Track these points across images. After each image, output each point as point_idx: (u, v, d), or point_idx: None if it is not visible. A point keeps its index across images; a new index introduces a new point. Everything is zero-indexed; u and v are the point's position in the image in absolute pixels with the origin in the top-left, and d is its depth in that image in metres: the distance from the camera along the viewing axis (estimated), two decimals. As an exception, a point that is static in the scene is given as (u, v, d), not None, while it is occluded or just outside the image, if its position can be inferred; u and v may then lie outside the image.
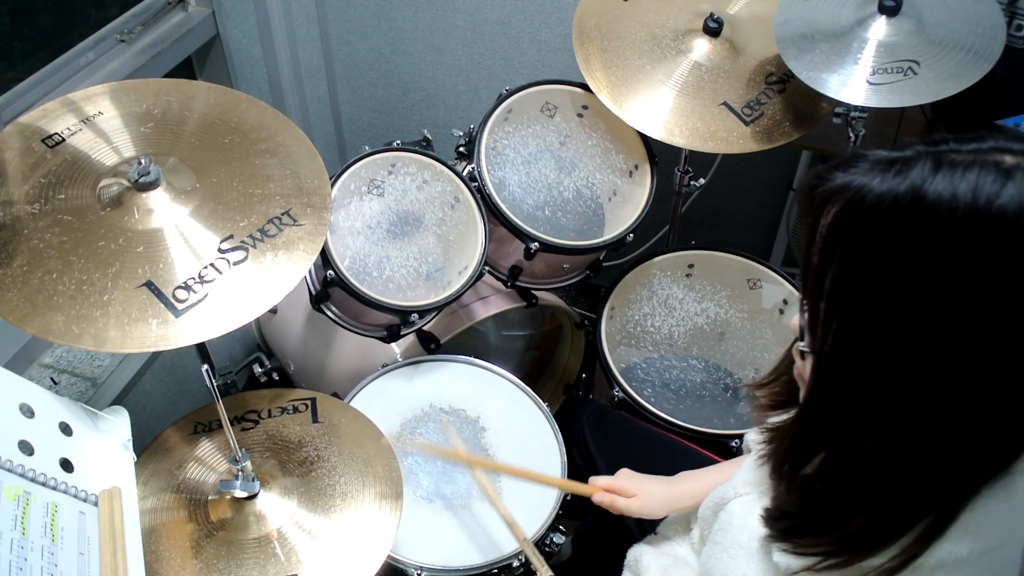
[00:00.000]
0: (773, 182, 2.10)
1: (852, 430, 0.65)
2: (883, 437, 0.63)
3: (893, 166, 0.60)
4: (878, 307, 0.60)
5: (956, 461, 0.61)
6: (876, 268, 0.60)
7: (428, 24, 2.05)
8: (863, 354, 0.62)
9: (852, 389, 0.64)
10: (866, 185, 0.60)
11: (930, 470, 0.62)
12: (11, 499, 0.77)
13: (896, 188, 0.59)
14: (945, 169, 0.58)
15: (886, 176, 0.60)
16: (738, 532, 0.83)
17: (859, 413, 0.64)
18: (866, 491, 0.65)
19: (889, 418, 0.62)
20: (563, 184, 1.52)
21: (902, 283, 0.59)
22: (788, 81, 1.43)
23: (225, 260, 0.89)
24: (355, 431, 1.17)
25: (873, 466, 0.64)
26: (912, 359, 0.59)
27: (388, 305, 1.29)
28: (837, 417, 0.66)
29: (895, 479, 0.63)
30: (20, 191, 0.89)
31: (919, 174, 0.58)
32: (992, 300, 0.56)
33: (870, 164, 0.62)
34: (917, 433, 0.61)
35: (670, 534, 1.11)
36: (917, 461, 0.62)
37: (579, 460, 1.38)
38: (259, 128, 1.01)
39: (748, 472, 0.88)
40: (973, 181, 0.56)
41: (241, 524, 1.05)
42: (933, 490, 0.62)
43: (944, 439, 0.60)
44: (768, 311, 1.63)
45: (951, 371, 0.58)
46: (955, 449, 0.61)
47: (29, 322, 0.81)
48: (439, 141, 1.71)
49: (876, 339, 0.61)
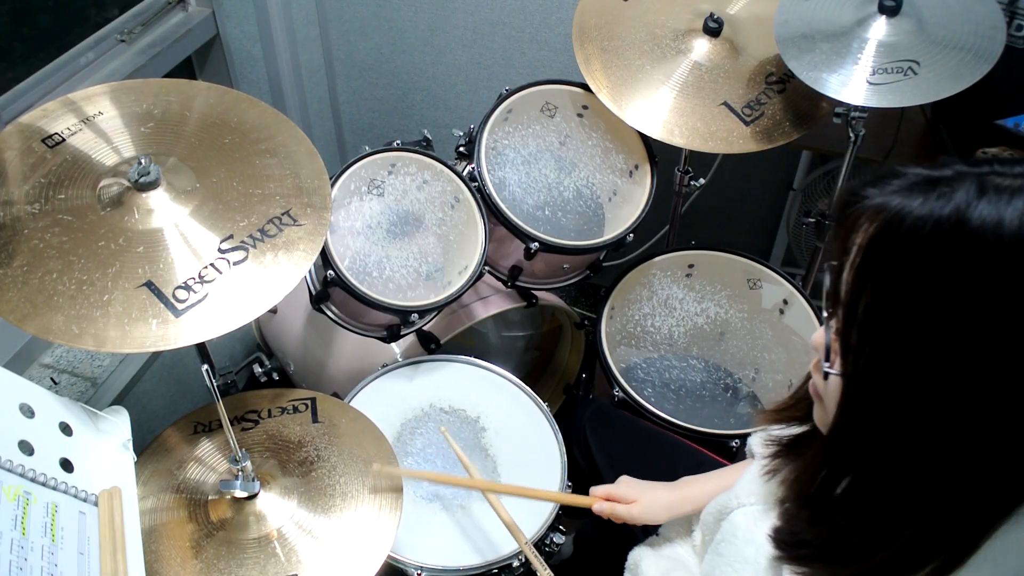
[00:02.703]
0: (773, 182, 2.10)
1: (882, 458, 0.62)
2: (914, 466, 0.60)
3: (935, 187, 0.58)
4: (915, 333, 0.58)
5: (987, 491, 0.59)
6: (914, 294, 0.58)
7: (428, 24, 2.05)
8: (897, 380, 0.60)
9: (884, 415, 0.61)
10: (905, 207, 0.58)
11: (959, 500, 0.59)
12: (11, 499, 0.77)
13: (939, 212, 0.56)
14: (991, 194, 0.55)
15: (927, 198, 0.57)
16: (743, 546, 0.82)
17: (890, 440, 0.61)
18: (894, 525, 0.62)
19: (921, 446, 0.59)
20: (563, 184, 1.52)
21: (941, 310, 0.56)
22: (788, 81, 1.43)
23: (225, 260, 0.89)
24: (355, 431, 1.17)
25: (902, 499, 0.61)
26: (949, 386, 0.57)
27: (388, 305, 1.29)
28: (866, 444, 0.63)
29: (924, 511, 0.61)
30: (20, 191, 0.89)
31: (963, 198, 0.56)
32: None
33: (908, 184, 0.59)
34: (949, 462, 0.59)
35: (671, 535, 1.11)
36: (947, 491, 0.59)
37: (580, 460, 1.38)
38: (259, 128, 1.01)
39: (752, 483, 0.87)
40: (1020, 208, 0.54)
41: (241, 524, 1.05)
42: (961, 520, 0.60)
43: (975, 468, 0.58)
44: (768, 311, 1.63)
45: (988, 400, 0.56)
46: (986, 478, 0.59)
47: (29, 322, 0.81)
48: (439, 141, 1.71)
49: (912, 366, 0.58)
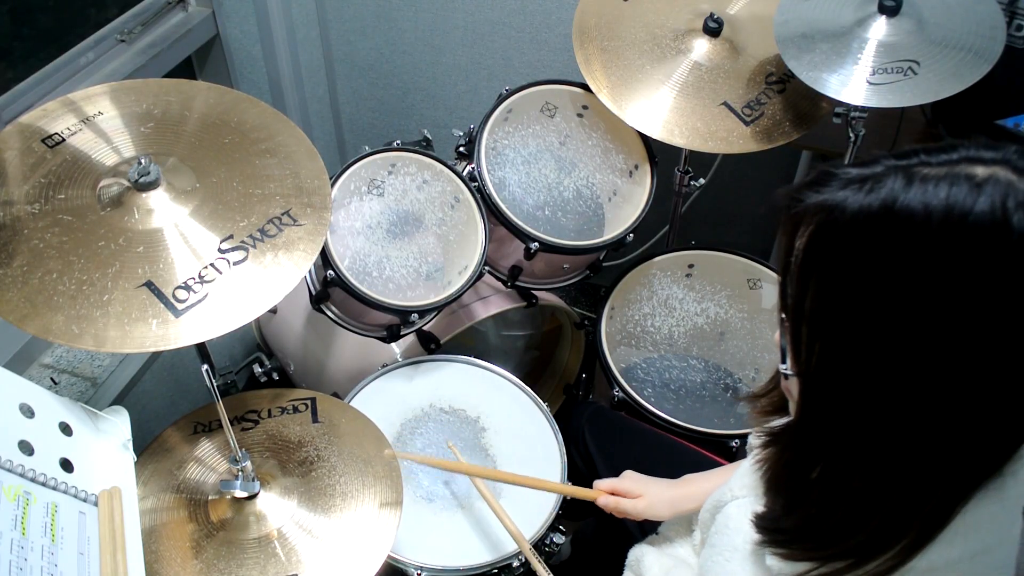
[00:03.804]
0: (773, 182, 2.09)
1: (846, 448, 0.64)
2: (878, 453, 0.62)
3: (865, 183, 0.60)
4: (860, 325, 0.60)
5: (951, 468, 0.61)
6: (855, 286, 0.60)
7: (428, 24, 2.05)
8: (849, 372, 0.62)
9: (842, 408, 0.64)
10: (839, 204, 0.60)
11: (927, 480, 0.61)
12: (11, 499, 0.77)
13: (869, 205, 0.59)
14: (916, 184, 0.58)
15: (858, 194, 0.60)
16: (734, 535, 0.83)
17: (851, 430, 0.63)
18: (865, 509, 0.64)
19: (882, 433, 0.62)
20: (563, 184, 1.52)
21: (882, 299, 0.59)
22: (788, 81, 1.43)
23: (225, 260, 0.89)
24: (355, 431, 1.17)
25: (870, 484, 0.63)
26: (899, 373, 0.59)
27: (388, 305, 1.29)
28: (830, 436, 0.66)
29: (893, 494, 0.62)
30: (20, 191, 0.89)
31: (891, 189, 0.58)
32: (973, 309, 0.56)
33: (841, 182, 0.62)
34: (911, 445, 0.61)
35: (672, 535, 1.11)
36: (914, 473, 0.61)
37: (579, 460, 1.38)
38: (259, 128, 1.01)
39: (745, 475, 0.88)
40: (945, 194, 0.56)
41: (241, 524, 1.05)
42: (930, 499, 0.62)
43: (938, 448, 0.60)
44: (768, 311, 1.63)
45: (938, 381, 0.58)
46: (950, 456, 0.61)
47: (29, 322, 0.81)
48: (439, 141, 1.71)
49: (861, 356, 0.61)
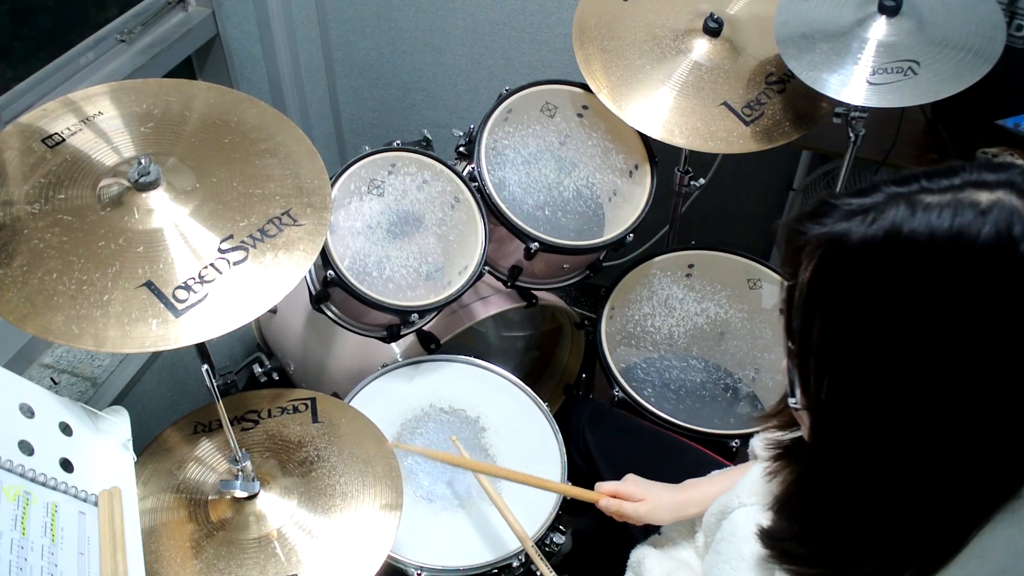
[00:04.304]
0: (773, 182, 2.09)
1: (862, 477, 0.64)
2: (894, 481, 0.62)
3: (867, 213, 0.59)
4: (869, 356, 0.59)
5: (967, 493, 0.60)
6: (861, 318, 0.59)
7: (428, 24, 2.05)
8: (860, 404, 0.61)
9: (855, 440, 0.63)
10: (842, 236, 0.60)
11: (943, 506, 0.61)
12: (11, 499, 0.77)
13: (873, 236, 0.58)
14: (920, 212, 0.57)
15: (861, 225, 0.59)
16: (741, 543, 0.82)
17: (866, 461, 0.63)
18: (881, 535, 0.64)
19: (897, 462, 0.61)
20: (563, 184, 1.52)
21: (889, 330, 0.58)
22: (788, 81, 1.43)
23: (225, 260, 0.89)
24: (355, 431, 1.17)
25: (887, 510, 0.63)
26: (911, 403, 0.58)
27: (388, 305, 1.29)
28: (844, 467, 0.65)
29: (910, 520, 0.62)
30: (20, 191, 0.89)
31: (894, 218, 0.58)
32: (981, 335, 0.55)
33: (843, 213, 0.61)
34: (927, 473, 0.60)
35: (674, 536, 1.11)
36: (930, 499, 0.61)
37: (579, 460, 1.38)
38: (259, 128, 1.01)
39: (754, 483, 0.87)
40: (949, 217, 0.56)
41: (241, 524, 1.05)
42: (946, 524, 0.61)
43: (954, 474, 0.60)
44: (768, 311, 1.63)
45: (951, 409, 0.57)
46: (966, 482, 0.60)
47: (29, 322, 0.81)
48: (439, 141, 1.71)
49: (872, 388, 0.60)
